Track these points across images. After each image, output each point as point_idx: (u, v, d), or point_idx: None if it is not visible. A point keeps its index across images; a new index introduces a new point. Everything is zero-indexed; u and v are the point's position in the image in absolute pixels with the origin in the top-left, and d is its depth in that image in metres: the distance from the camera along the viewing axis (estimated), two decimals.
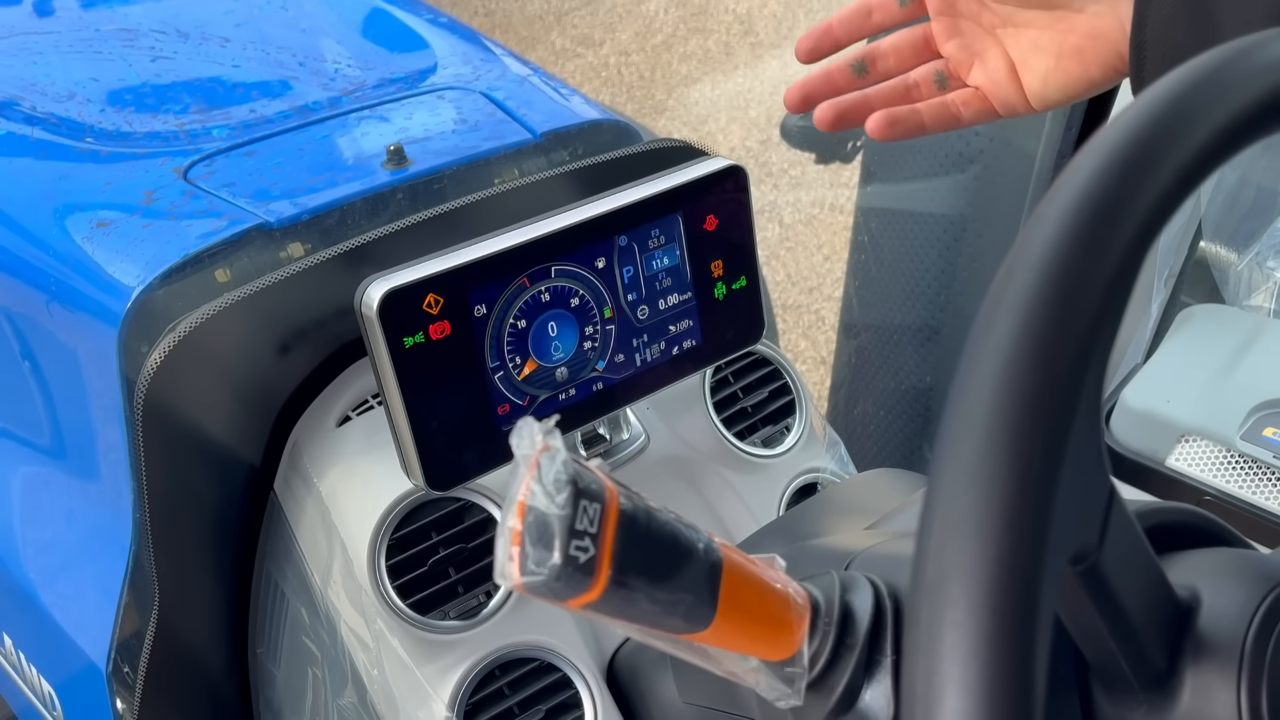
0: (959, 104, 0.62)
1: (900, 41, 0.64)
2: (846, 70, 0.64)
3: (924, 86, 0.64)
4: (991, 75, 0.61)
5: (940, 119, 0.63)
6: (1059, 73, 0.58)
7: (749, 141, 3.51)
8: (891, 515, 0.56)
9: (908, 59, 0.64)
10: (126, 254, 0.89)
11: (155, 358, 0.80)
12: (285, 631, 0.89)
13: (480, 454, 0.74)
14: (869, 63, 0.64)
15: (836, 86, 0.64)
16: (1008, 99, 0.61)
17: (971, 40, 0.61)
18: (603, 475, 0.38)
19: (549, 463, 0.37)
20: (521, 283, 0.73)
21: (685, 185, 0.78)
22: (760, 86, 3.74)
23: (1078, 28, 0.56)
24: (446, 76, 1.13)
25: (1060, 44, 0.57)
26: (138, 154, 1.00)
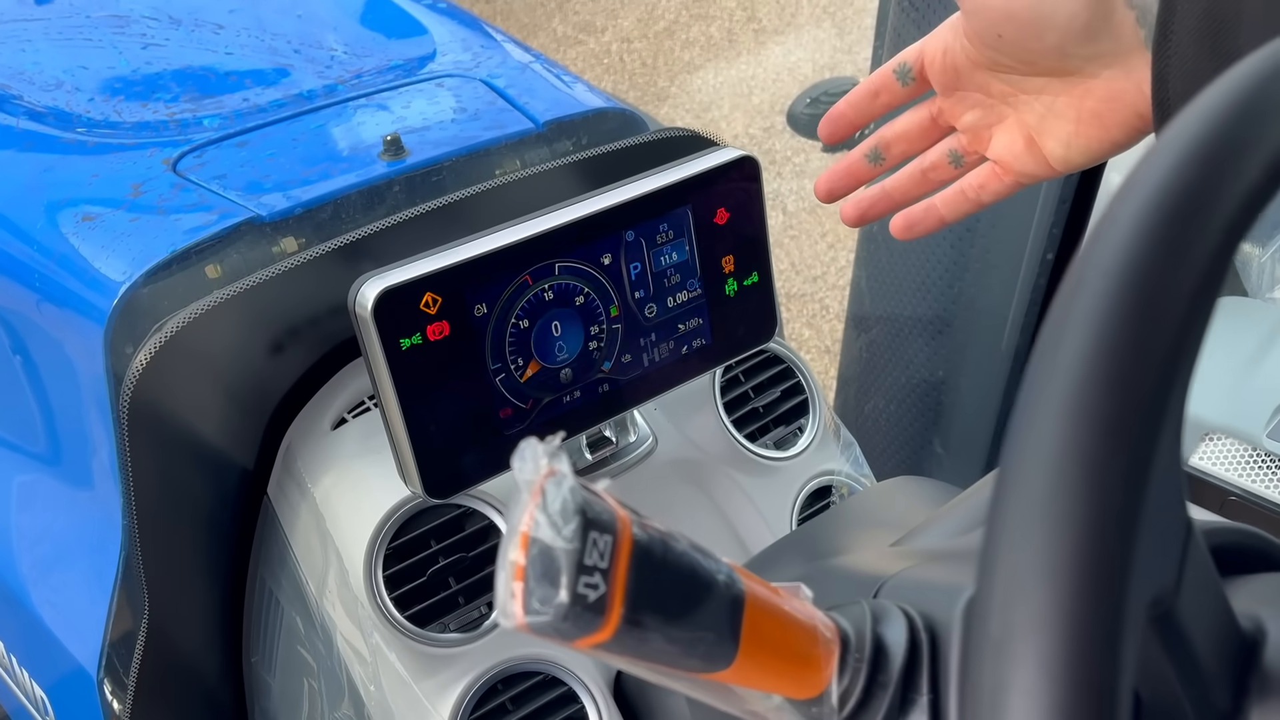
0: (975, 188, 0.61)
1: (907, 126, 0.62)
2: (862, 160, 0.63)
3: (939, 168, 0.62)
4: (1009, 146, 0.58)
5: (958, 209, 0.62)
6: (1080, 137, 0.56)
7: (752, 129, 3.48)
8: (919, 531, 0.52)
9: (917, 142, 0.62)
10: (113, 249, 0.85)
11: (141, 358, 0.77)
12: (280, 640, 0.86)
13: (481, 460, 0.71)
14: (882, 149, 0.63)
15: (855, 177, 0.63)
16: (1028, 168, 0.59)
17: (984, 113, 0.58)
18: (614, 502, 0.35)
19: (555, 489, 0.34)
20: (524, 280, 0.69)
21: (695, 177, 0.74)
22: (763, 73, 3.71)
23: (1093, 92, 0.54)
24: (446, 64, 1.09)
25: (1077, 109, 0.55)
26: (125, 145, 0.96)
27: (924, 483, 0.68)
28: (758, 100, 3.57)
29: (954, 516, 0.52)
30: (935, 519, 0.53)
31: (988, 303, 1.47)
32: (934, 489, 0.66)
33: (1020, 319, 1.43)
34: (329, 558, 0.76)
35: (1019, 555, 0.25)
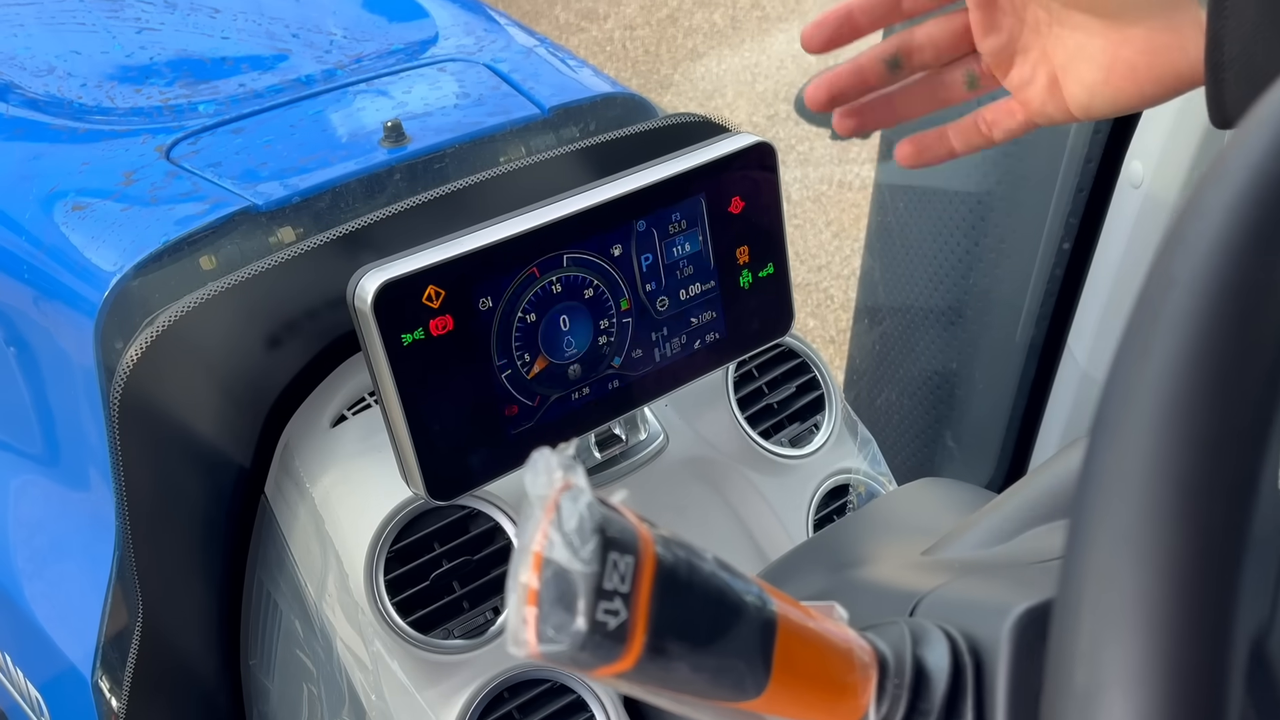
0: (988, 123, 0.57)
1: (938, 32, 0.57)
2: (879, 64, 0.58)
3: (952, 88, 0.58)
4: (1030, 80, 0.55)
5: (969, 141, 0.58)
6: (1108, 87, 0.52)
7: (756, 117, 3.45)
8: (951, 539, 0.49)
9: (946, 52, 0.57)
10: (103, 239, 0.82)
11: (133, 353, 0.74)
12: (279, 643, 0.84)
13: (486, 459, 0.68)
14: (904, 56, 0.58)
15: (868, 83, 0.58)
16: (1045, 108, 0.55)
17: (1011, 38, 0.55)
18: (634, 519, 0.32)
19: (570, 505, 0.31)
20: (531, 273, 0.66)
21: (708, 164, 0.71)
22: (767, 61, 3.68)
23: (1132, 41, 0.50)
24: (448, 48, 1.06)
25: (1112, 56, 0.51)
26: (118, 131, 0.93)
27: (950, 485, 0.65)
28: (761, 88, 3.54)
29: (990, 523, 0.49)
30: (968, 525, 0.50)
31: (1002, 293, 1.44)
32: (961, 491, 0.63)
33: (1035, 310, 1.40)
34: (328, 561, 0.73)
35: (1107, 593, 0.22)
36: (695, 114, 0.87)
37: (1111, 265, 1.25)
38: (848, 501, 0.86)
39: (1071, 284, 1.33)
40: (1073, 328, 1.35)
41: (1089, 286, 1.30)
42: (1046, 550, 0.44)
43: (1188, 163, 1.11)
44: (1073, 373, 1.37)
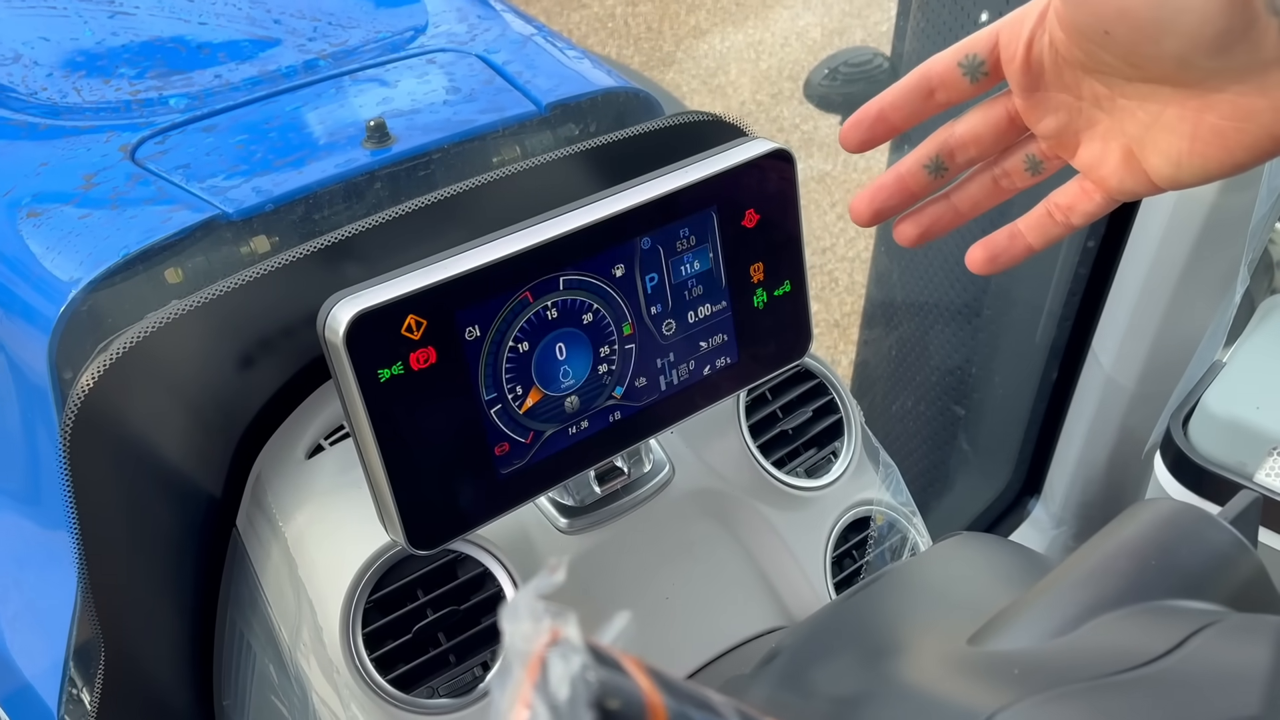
0: (1063, 209, 0.50)
1: (979, 126, 0.50)
2: (920, 171, 0.51)
3: (1015, 175, 0.51)
4: (1101, 158, 0.48)
5: (1046, 233, 0.51)
6: (1195, 156, 0.45)
7: (759, 95, 3.39)
8: (1003, 623, 0.43)
9: (990, 146, 0.51)
10: (60, 250, 0.76)
11: (88, 378, 0.67)
12: (253, 686, 0.78)
13: (474, 503, 0.61)
14: (945, 158, 0.51)
15: (910, 192, 0.52)
16: (1125, 184, 0.48)
17: (1072, 117, 0.48)
18: (644, 679, 0.26)
19: (561, 666, 0.24)
20: (523, 298, 0.60)
21: (721, 174, 0.64)
22: (771, 38, 3.61)
23: (1215, 108, 0.44)
24: (438, 37, 0.99)
25: (1195, 125, 0.44)
26: (80, 128, 0.86)
27: (989, 542, 0.59)
28: (765, 66, 3.47)
29: (1048, 606, 0.42)
30: (1022, 607, 0.43)
31: (1022, 292, 1.37)
32: (1002, 551, 0.57)
33: (1057, 310, 1.33)
34: (302, 609, 0.67)
35: None
36: (705, 112, 0.80)
37: (1141, 265, 1.18)
38: (868, 536, 0.79)
39: (1097, 284, 1.27)
40: (1097, 330, 1.29)
41: (1116, 287, 1.23)
42: (1126, 649, 0.37)
43: None
44: (1096, 377, 1.31)
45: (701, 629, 0.73)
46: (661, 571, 0.74)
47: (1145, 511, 0.47)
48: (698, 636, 0.73)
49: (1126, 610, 0.42)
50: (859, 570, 0.79)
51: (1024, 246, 0.51)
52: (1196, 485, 1.01)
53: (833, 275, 2.75)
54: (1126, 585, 0.42)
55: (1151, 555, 0.44)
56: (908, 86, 0.50)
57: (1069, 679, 0.36)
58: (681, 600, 0.73)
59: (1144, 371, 1.23)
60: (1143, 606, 0.42)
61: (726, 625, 0.74)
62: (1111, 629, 0.41)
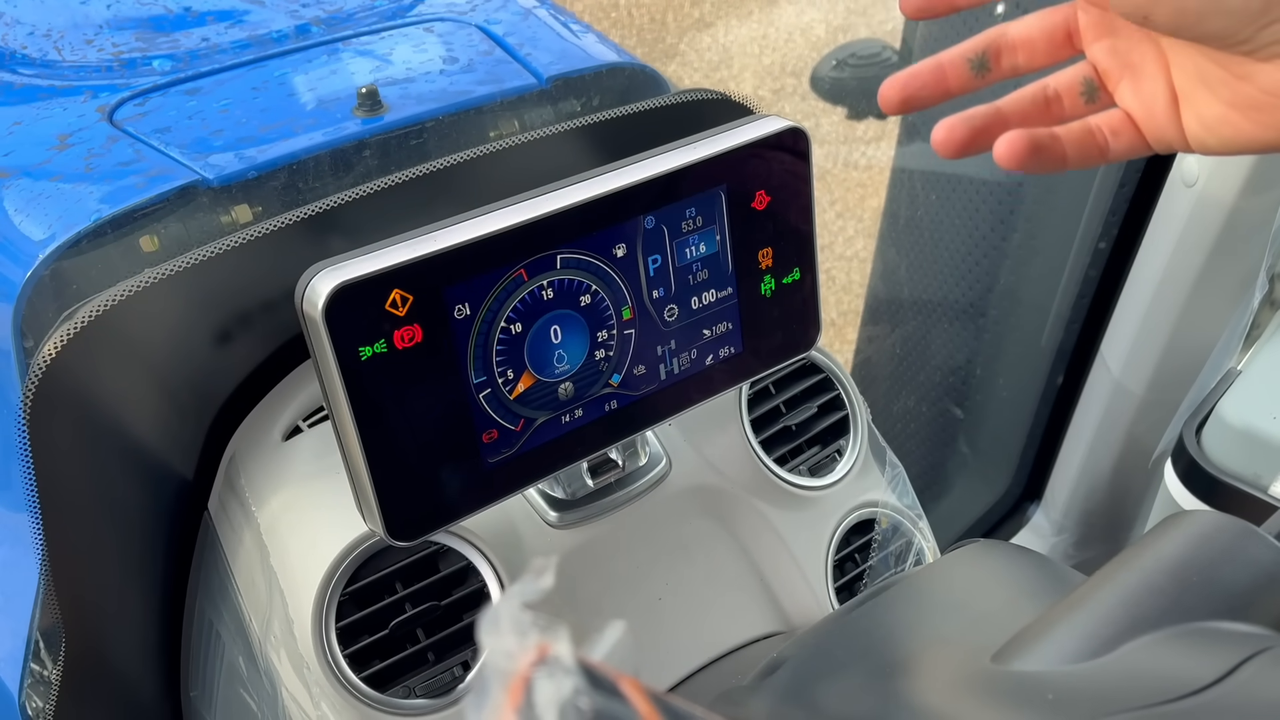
0: (1108, 132, 0.47)
1: (1033, 31, 0.48)
2: (962, 64, 0.48)
3: (1068, 99, 0.48)
4: (1147, 99, 0.46)
5: (1085, 152, 0.47)
6: (1227, 125, 0.44)
7: (762, 90, 3.36)
8: (1030, 640, 0.39)
9: (1040, 56, 0.48)
10: (29, 213, 0.72)
11: (51, 346, 0.63)
12: (221, 678, 0.74)
13: (459, 494, 0.57)
14: (991, 57, 0.48)
15: (946, 85, 0.48)
16: (1164, 134, 0.46)
17: (1128, 45, 0.46)
18: (642, 701, 0.22)
19: (548, 688, 0.21)
20: (517, 275, 0.56)
21: (731, 152, 0.60)
22: (775, 33, 3.58)
23: (1255, 79, 0.42)
24: (437, 5, 0.95)
25: (1234, 92, 0.43)
26: (57, 88, 0.82)
27: (1008, 552, 0.55)
28: (769, 61, 3.44)
29: (1080, 625, 0.39)
30: (1051, 624, 0.40)
31: (1029, 293, 1.34)
32: (1024, 561, 0.53)
33: (1065, 313, 1.29)
34: (274, 599, 0.63)
35: None
36: (713, 90, 0.76)
37: (1155, 269, 1.14)
38: (872, 539, 0.75)
39: (1108, 286, 1.23)
40: (1106, 334, 1.25)
41: (1128, 290, 1.20)
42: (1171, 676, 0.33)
43: (1250, 161, 1.01)
44: (1104, 381, 1.27)
45: (695, 632, 0.70)
46: (655, 571, 0.70)
47: (1184, 524, 0.44)
48: (691, 640, 0.70)
49: (1168, 631, 0.38)
50: (862, 575, 0.75)
51: (1060, 155, 0.47)
52: (1209, 495, 0.97)
53: (830, 274, 2.72)
54: (1167, 604, 0.39)
55: (1192, 572, 0.40)
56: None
57: (1111, 708, 0.33)
58: (675, 602, 0.70)
59: (1154, 377, 1.20)
60: (1185, 628, 0.38)
61: (721, 629, 0.70)
62: (1153, 652, 0.37)
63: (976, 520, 1.46)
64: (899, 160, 1.46)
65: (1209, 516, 0.44)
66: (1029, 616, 0.42)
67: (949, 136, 0.47)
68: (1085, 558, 1.43)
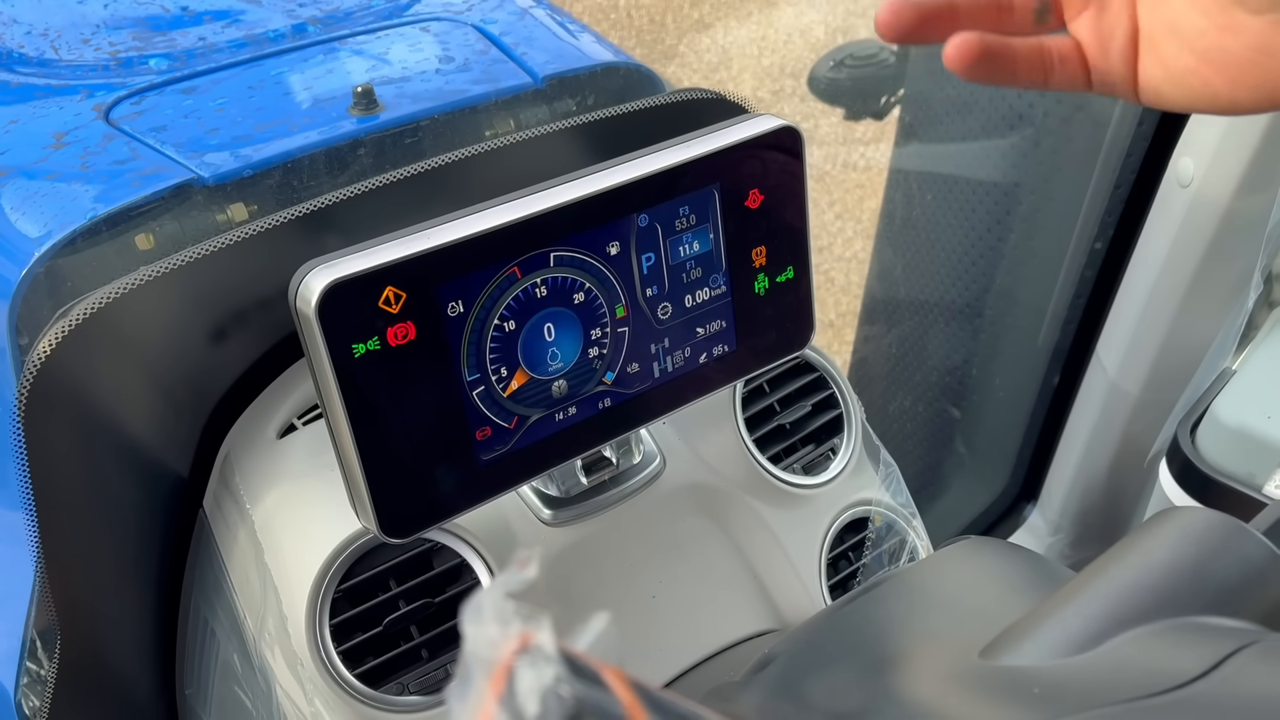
0: (1056, 57, 0.45)
1: None
2: None
3: (1020, 13, 0.46)
4: (1105, 35, 0.44)
5: (1031, 69, 0.45)
6: (1196, 78, 0.42)
7: (761, 92, 3.37)
8: (1018, 636, 0.39)
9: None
10: (25, 211, 0.72)
11: (45, 344, 0.63)
12: (216, 676, 0.74)
13: (452, 491, 0.58)
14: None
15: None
16: (1110, 75, 0.44)
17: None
18: (624, 690, 0.22)
19: (530, 676, 0.21)
20: (511, 273, 0.56)
21: (724, 150, 0.61)
22: (774, 34, 3.58)
23: (1238, 32, 0.40)
24: (434, 4, 0.95)
25: (1212, 44, 0.41)
26: (53, 86, 0.82)
27: (998, 548, 0.55)
28: (768, 62, 3.45)
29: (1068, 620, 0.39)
30: (1040, 619, 0.40)
31: (1025, 293, 1.34)
32: (1015, 557, 0.53)
33: (1061, 313, 1.30)
34: (268, 597, 0.63)
35: None
36: (708, 90, 0.76)
37: (1150, 270, 1.14)
38: (866, 537, 0.76)
39: (1104, 287, 1.23)
40: (1102, 335, 1.25)
41: (1123, 291, 1.20)
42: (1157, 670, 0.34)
43: (1245, 161, 1.01)
44: (1099, 381, 1.27)
45: (688, 630, 0.70)
46: (648, 568, 0.70)
47: (1173, 520, 0.44)
48: (684, 638, 0.70)
49: (1155, 626, 0.38)
50: (855, 573, 0.75)
51: (1010, 69, 0.45)
52: (1203, 495, 0.97)
53: (829, 275, 2.72)
54: (1155, 599, 0.39)
55: (1181, 567, 0.40)
56: None
57: (1096, 701, 0.33)
58: (668, 599, 0.70)
59: (1149, 377, 1.20)
60: (1172, 622, 0.38)
61: (715, 627, 0.70)
62: (1140, 646, 0.37)
63: (973, 520, 1.47)
64: (896, 161, 1.46)
65: (1198, 513, 0.44)
66: (1018, 612, 0.42)
67: (895, 19, 0.44)
68: (1081, 557, 1.43)
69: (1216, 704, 0.33)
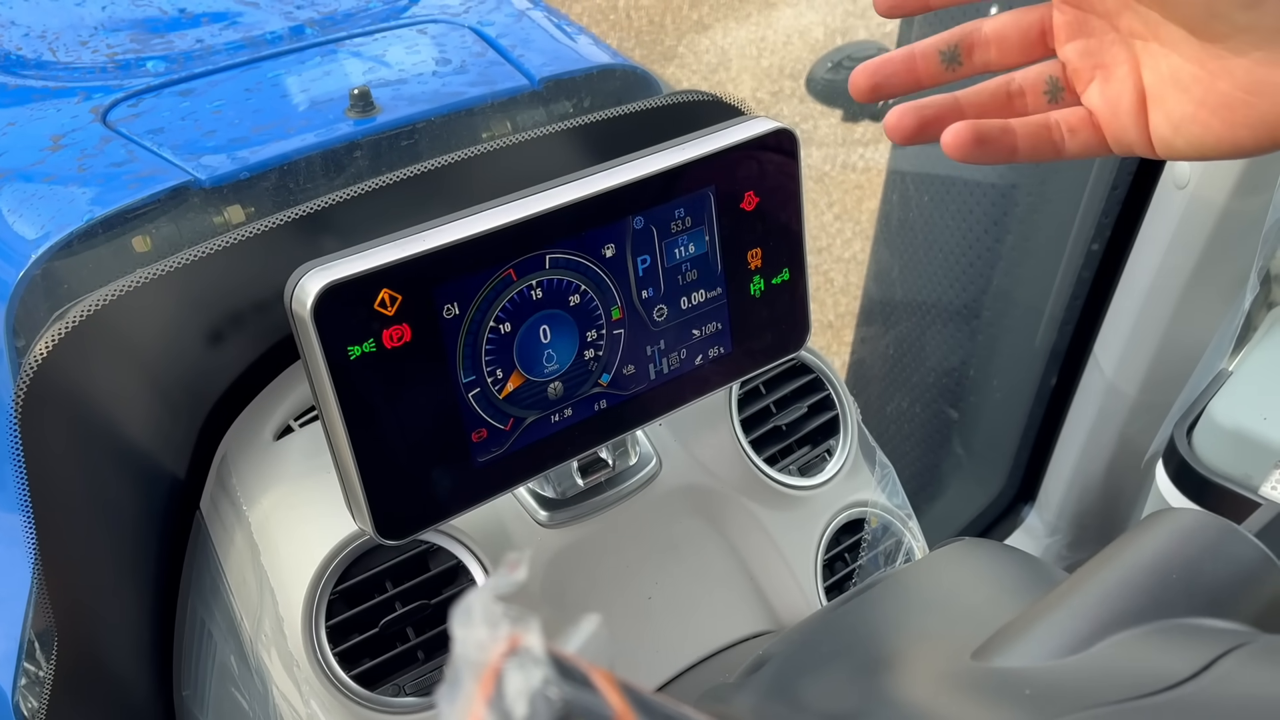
0: (1064, 129, 0.47)
1: (1007, 28, 0.48)
2: (934, 56, 0.48)
3: (1031, 96, 0.48)
4: (1113, 100, 0.46)
5: (1036, 146, 0.48)
6: (1196, 125, 0.44)
7: (760, 93, 3.36)
8: (1010, 637, 0.39)
9: (1012, 53, 0.48)
10: (22, 213, 0.72)
11: (42, 346, 0.63)
12: (213, 677, 0.74)
13: (448, 493, 0.58)
14: (963, 51, 0.49)
15: (916, 75, 0.48)
16: (1126, 135, 0.46)
17: (1100, 46, 0.46)
18: (613, 693, 0.22)
19: (519, 678, 0.21)
20: (506, 275, 0.56)
21: (720, 153, 0.61)
22: (774, 35, 3.58)
23: (1232, 73, 0.42)
24: (430, 7, 0.95)
25: (1207, 89, 0.43)
26: (51, 89, 0.83)
27: (992, 550, 0.55)
28: (767, 63, 3.45)
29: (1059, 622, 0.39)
30: (1031, 621, 0.40)
31: (1023, 294, 1.34)
32: (1008, 559, 0.53)
33: (1059, 314, 1.30)
34: (264, 598, 0.63)
35: None
36: (704, 92, 0.76)
37: (1147, 271, 1.15)
38: (862, 539, 0.76)
39: (1101, 288, 1.23)
40: (1099, 335, 1.26)
41: (1120, 292, 1.20)
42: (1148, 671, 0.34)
43: (1241, 163, 1.01)
44: (1097, 383, 1.28)
45: (684, 632, 0.70)
46: (644, 570, 0.70)
47: (1165, 521, 0.44)
48: (679, 639, 0.70)
49: (1146, 628, 0.38)
50: (851, 574, 0.75)
51: (1010, 147, 0.47)
52: (1199, 496, 0.97)
53: (828, 276, 2.72)
54: (1146, 601, 0.39)
55: (1173, 569, 0.41)
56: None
57: (1087, 702, 0.33)
58: (664, 601, 0.70)
59: (1146, 379, 1.20)
60: (1164, 624, 0.38)
61: (710, 628, 0.71)
62: (1131, 648, 0.37)
63: (970, 521, 1.47)
64: (893, 163, 1.46)
65: (1190, 514, 0.44)
66: (1011, 613, 0.42)
67: (898, 123, 0.47)
68: (1078, 559, 1.43)
69: (1207, 705, 0.33)
